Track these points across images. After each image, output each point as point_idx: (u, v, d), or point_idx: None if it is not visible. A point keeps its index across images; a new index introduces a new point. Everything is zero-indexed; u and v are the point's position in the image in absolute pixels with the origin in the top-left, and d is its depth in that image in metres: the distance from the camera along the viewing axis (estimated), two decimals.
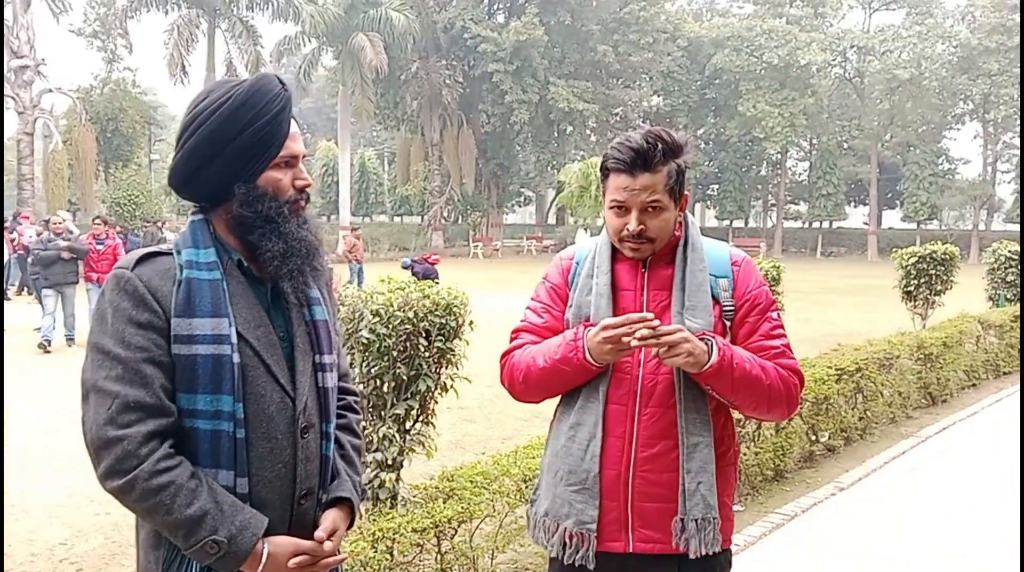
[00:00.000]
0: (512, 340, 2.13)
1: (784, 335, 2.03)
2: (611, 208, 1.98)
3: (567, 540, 1.98)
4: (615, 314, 1.97)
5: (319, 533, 1.64)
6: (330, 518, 1.69)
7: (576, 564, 1.97)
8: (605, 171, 1.99)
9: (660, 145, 1.91)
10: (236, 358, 1.55)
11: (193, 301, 1.55)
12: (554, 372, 1.96)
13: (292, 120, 1.67)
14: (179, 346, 1.53)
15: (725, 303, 1.99)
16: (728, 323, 2.01)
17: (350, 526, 1.77)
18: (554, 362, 1.95)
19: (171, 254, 1.61)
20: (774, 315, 2.02)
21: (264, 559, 1.54)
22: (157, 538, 1.59)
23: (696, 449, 1.95)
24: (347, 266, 18.39)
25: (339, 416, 1.82)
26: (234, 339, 1.55)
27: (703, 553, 1.94)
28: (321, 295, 1.74)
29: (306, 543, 1.61)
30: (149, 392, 1.51)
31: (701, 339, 1.87)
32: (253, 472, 1.59)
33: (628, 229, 1.94)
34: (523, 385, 2.04)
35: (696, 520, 1.93)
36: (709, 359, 1.84)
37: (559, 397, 2.11)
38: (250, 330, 1.59)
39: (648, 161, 1.90)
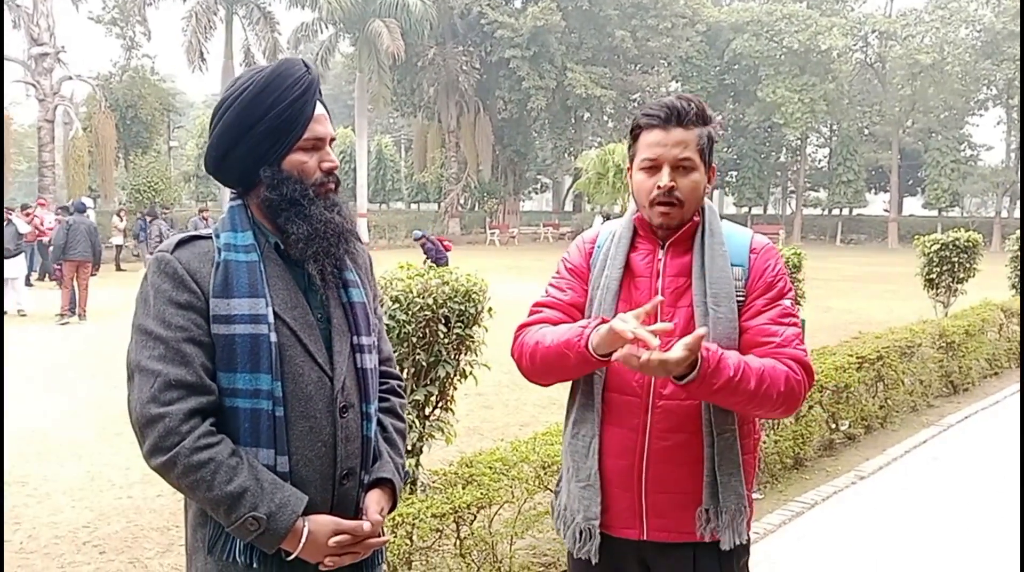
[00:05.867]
0: (531, 314, 2.10)
1: (795, 325, 1.93)
2: (642, 169, 1.95)
3: (577, 535, 2.01)
4: (626, 303, 1.95)
5: (370, 521, 1.66)
6: (375, 500, 1.71)
7: (583, 557, 2.00)
8: (635, 134, 1.98)
9: (693, 107, 1.93)
10: (273, 337, 1.58)
11: (231, 282, 1.58)
12: (557, 355, 1.90)
13: (319, 103, 1.68)
14: (218, 326, 1.57)
15: (737, 293, 1.95)
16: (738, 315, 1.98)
17: (392, 508, 1.77)
18: (559, 345, 1.90)
19: (210, 238, 1.65)
20: (787, 303, 1.96)
21: (304, 537, 1.56)
22: (203, 517, 1.62)
23: (724, 440, 1.93)
24: None
25: (382, 399, 1.84)
26: (271, 319, 1.58)
27: (736, 544, 1.94)
28: (359, 278, 1.76)
29: (347, 523, 1.62)
30: (190, 370, 1.54)
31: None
32: (293, 451, 1.60)
33: (659, 185, 1.91)
34: (529, 362, 2.00)
35: (729, 510, 1.93)
36: (691, 373, 1.74)
37: (568, 392, 2.11)
38: (287, 310, 1.62)
39: (681, 117, 1.91)
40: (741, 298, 1.95)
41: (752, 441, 2.05)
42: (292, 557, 1.58)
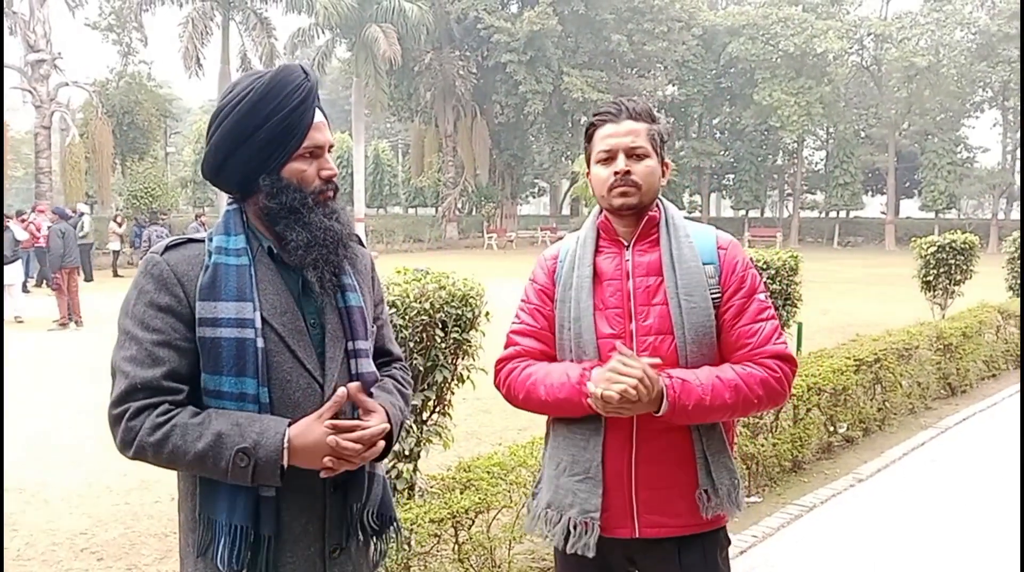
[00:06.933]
0: (507, 346, 2.13)
1: (773, 317, 2.02)
2: (598, 162, 2.04)
3: (571, 529, 2.00)
4: (597, 305, 2.01)
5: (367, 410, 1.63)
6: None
7: (579, 552, 1.99)
8: (590, 133, 2.08)
9: (641, 104, 2.06)
10: (260, 343, 1.56)
11: (218, 285, 1.57)
12: (556, 407, 2.00)
13: (318, 110, 1.67)
14: (204, 329, 1.56)
15: (712, 290, 2.00)
16: (714, 310, 2.02)
17: (385, 453, 1.70)
18: (557, 399, 1.98)
19: (203, 242, 1.65)
20: (761, 297, 2.03)
21: (286, 443, 1.52)
22: (193, 522, 1.62)
23: (711, 431, 2.01)
24: None
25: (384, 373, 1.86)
26: (258, 324, 1.57)
27: (737, 515, 2.06)
28: (357, 282, 1.74)
29: (324, 406, 1.57)
30: (158, 374, 1.54)
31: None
32: None
33: (615, 171, 1.99)
34: (523, 404, 2.07)
35: (725, 485, 2.00)
36: (660, 407, 1.87)
37: None
38: (276, 316, 1.60)
39: (631, 112, 2.03)
40: (717, 295, 2.00)
41: (732, 431, 2.14)
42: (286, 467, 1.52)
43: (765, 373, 1.95)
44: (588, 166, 2.09)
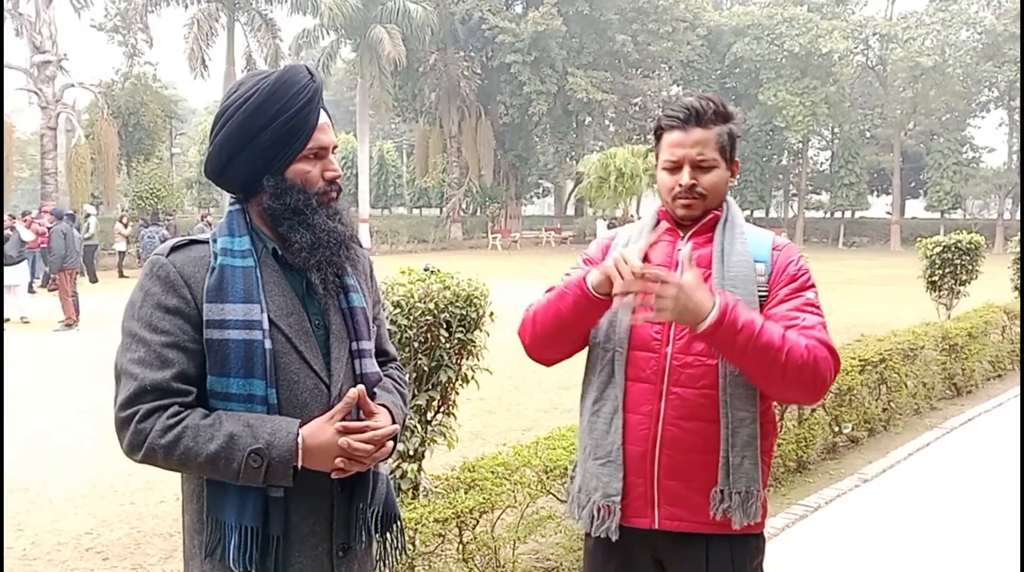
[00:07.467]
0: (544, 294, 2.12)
1: (819, 315, 1.93)
2: (664, 168, 2.02)
3: (595, 513, 2.00)
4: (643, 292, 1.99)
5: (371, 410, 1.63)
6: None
7: (602, 536, 1.99)
8: (659, 134, 2.05)
9: (712, 106, 1.99)
10: (268, 344, 1.56)
11: (225, 287, 1.56)
12: (556, 299, 1.97)
13: (322, 111, 1.67)
14: (211, 331, 1.55)
15: (760, 287, 1.97)
16: (759, 308, 1.97)
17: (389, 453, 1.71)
18: (557, 292, 1.97)
19: (207, 243, 1.63)
20: (810, 295, 1.97)
21: (300, 445, 1.52)
22: (199, 524, 1.61)
23: (742, 424, 1.93)
24: None
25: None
26: (265, 325, 1.56)
27: (745, 524, 1.95)
28: (359, 283, 1.74)
29: (335, 409, 1.57)
30: (168, 376, 1.53)
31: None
32: None
33: (680, 183, 1.97)
34: (531, 327, 2.05)
35: (740, 492, 1.94)
36: (707, 318, 1.75)
37: (584, 376, 2.11)
38: (282, 317, 1.60)
39: (701, 117, 1.97)
40: (764, 293, 1.97)
41: (770, 439, 2.03)
42: (299, 468, 1.53)
43: (812, 343, 1.84)
44: (656, 163, 2.07)
